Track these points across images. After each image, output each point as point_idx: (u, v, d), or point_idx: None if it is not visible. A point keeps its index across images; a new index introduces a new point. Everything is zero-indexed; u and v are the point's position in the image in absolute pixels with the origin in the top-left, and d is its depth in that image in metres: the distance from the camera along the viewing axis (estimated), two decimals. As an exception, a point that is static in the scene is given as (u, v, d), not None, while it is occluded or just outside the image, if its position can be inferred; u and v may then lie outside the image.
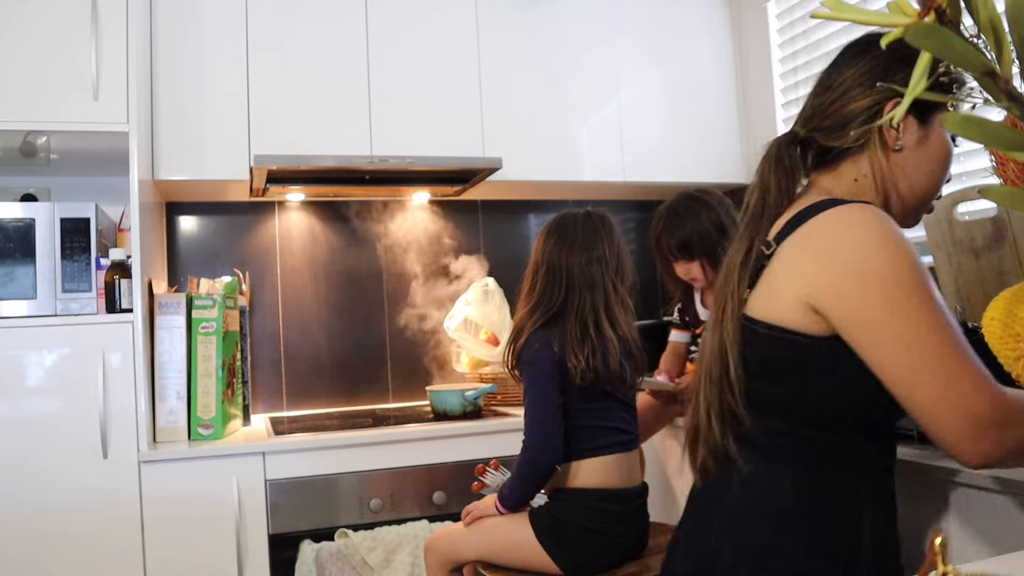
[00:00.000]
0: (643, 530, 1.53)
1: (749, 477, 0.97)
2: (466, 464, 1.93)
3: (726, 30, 2.63)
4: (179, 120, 2.06)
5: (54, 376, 1.73)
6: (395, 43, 2.26)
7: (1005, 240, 1.48)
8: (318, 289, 2.49)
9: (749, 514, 0.96)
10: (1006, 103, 0.50)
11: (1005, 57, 0.49)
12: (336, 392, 2.48)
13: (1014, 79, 0.50)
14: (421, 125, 2.26)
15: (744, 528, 0.96)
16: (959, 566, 0.57)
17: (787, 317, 0.92)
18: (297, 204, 2.49)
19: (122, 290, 1.81)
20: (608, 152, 2.45)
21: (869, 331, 0.85)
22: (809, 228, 0.92)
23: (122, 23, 1.83)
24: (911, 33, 0.49)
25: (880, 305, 0.85)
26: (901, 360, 0.83)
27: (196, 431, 1.90)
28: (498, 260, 2.66)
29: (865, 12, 0.51)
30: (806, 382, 0.93)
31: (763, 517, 0.95)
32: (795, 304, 0.91)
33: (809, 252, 0.91)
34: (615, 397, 1.52)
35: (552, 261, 1.54)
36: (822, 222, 0.90)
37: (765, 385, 0.96)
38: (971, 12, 0.50)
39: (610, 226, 1.58)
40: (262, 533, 1.82)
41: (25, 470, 1.69)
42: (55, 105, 1.78)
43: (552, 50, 2.42)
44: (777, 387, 0.95)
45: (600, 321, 1.50)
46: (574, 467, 1.49)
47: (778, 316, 0.93)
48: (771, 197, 1.02)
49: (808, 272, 0.90)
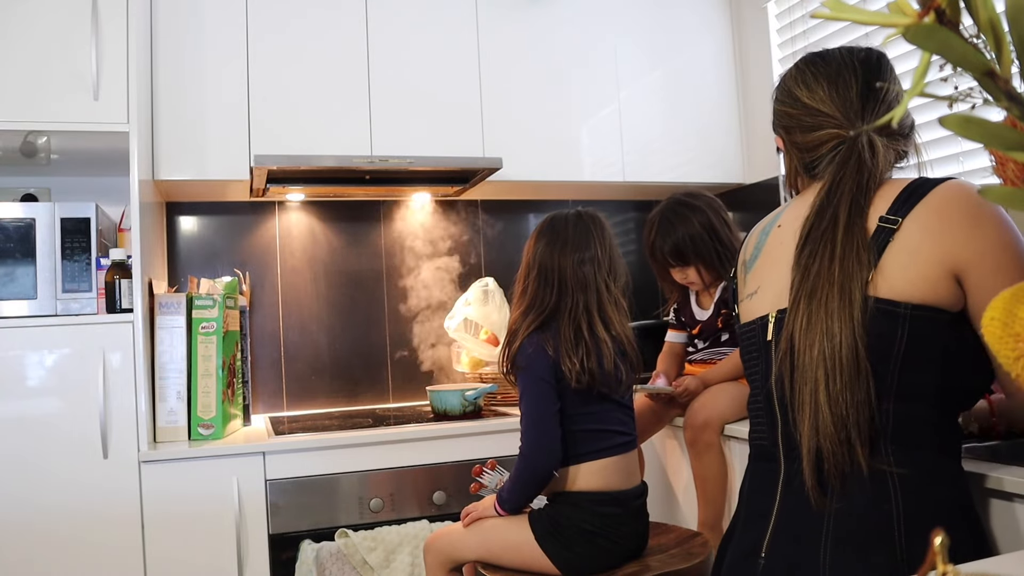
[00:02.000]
0: (643, 530, 1.53)
1: (906, 478, 0.91)
2: (466, 464, 1.93)
3: (726, 30, 2.63)
4: (179, 120, 2.06)
5: (54, 376, 1.73)
6: (395, 43, 2.26)
7: (1005, 240, 1.48)
8: (318, 289, 2.49)
9: (922, 516, 0.90)
10: (1006, 103, 0.50)
11: (1005, 57, 0.49)
12: (336, 392, 2.48)
13: (1014, 79, 0.50)
14: (421, 125, 2.26)
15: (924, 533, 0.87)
16: (959, 566, 0.57)
17: (928, 292, 0.90)
18: (297, 204, 2.49)
19: (122, 290, 1.81)
20: (608, 152, 2.45)
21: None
22: (938, 202, 0.93)
23: (122, 23, 1.83)
24: (911, 33, 0.49)
25: (1013, 272, 0.88)
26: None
27: (196, 431, 1.90)
28: (498, 260, 2.66)
29: (865, 12, 0.51)
30: (949, 363, 0.91)
31: (937, 517, 0.90)
32: (940, 275, 0.90)
33: (953, 222, 0.92)
34: (612, 399, 1.52)
35: (544, 262, 1.54)
36: (951, 194, 0.93)
37: (911, 373, 0.91)
38: (971, 12, 0.50)
39: (601, 226, 1.57)
40: (262, 533, 1.82)
41: (25, 470, 1.69)
42: (55, 105, 1.78)
43: (552, 50, 2.42)
44: (924, 373, 0.92)
45: (593, 322, 1.49)
46: (573, 471, 1.49)
47: (920, 293, 0.90)
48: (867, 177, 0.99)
49: (957, 241, 0.91)
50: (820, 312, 0.92)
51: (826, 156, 1.06)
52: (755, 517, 1.03)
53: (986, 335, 0.55)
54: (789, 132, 1.12)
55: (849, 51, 1.09)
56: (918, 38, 0.49)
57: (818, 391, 0.91)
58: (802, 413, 0.93)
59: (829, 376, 0.90)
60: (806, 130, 1.08)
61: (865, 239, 0.93)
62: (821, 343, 0.91)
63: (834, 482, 0.91)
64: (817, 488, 0.92)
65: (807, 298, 0.94)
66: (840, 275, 0.92)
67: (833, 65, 1.08)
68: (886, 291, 0.91)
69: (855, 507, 0.91)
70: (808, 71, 1.10)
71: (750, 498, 1.08)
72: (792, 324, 0.95)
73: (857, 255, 0.92)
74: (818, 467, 0.92)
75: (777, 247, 1.09)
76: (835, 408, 0.89)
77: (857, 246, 0.92)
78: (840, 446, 0.90)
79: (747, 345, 1.10)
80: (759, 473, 1.06)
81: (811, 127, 1.08)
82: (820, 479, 0.92)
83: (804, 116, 1.08)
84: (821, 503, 0.93)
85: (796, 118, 1.10)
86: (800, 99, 1.09)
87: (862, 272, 0.91)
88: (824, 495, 0.92)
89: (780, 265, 1.06)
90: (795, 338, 0.94)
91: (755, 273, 1.12)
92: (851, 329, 0.90)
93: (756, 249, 1.14)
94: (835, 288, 0.92)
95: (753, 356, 1.08)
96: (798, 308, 0.95)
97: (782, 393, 0.99)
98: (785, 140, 1.14)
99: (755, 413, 1.08)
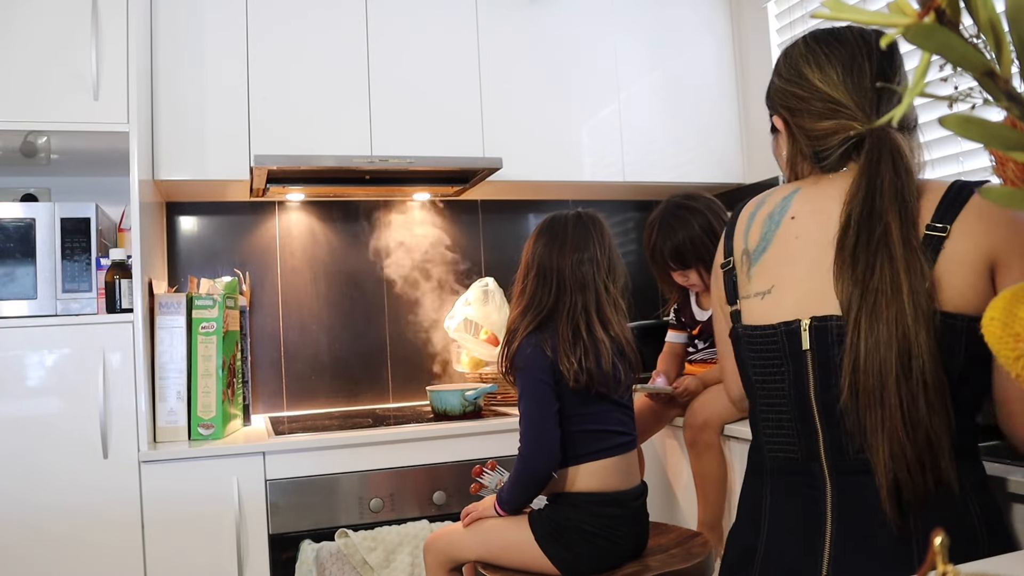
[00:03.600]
0: (643, 531, 1.52)
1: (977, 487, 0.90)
2: (466, 464, 1.93)
3: (726, 30, 2.63)
4: (179, 120, 2.06)
5: (54, 376, 1.73)
6: (395, 43, 2.26)
7: (1005, 240, 1.48)
8: (318, 289, 2.49)
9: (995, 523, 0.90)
10: (1006, 103, 0.50)
11: (1005, 57, 0.49)
12: (336, 392, 2.48)
13: (1014, 79, 0.50)
14: (421, 125, 2.26)
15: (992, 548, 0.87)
16: (959, 566, 0.57)
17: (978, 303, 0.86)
18: (297, 204, 2.49)
19: (122, 290, 1.81)
20: (608, 152, 2.45)
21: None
22: (981, 205, 0.88)
23: (122, 23, 1.83)
24: (911, 33, 0.49)
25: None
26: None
27: (196, 431, 1.90)
28: (498, 260, 2.66)
29: (865, 12, 0.51)
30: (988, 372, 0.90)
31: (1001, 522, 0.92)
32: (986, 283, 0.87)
33: (994, 223, 0.88)
34: (611, 399, 1.51)
35: (543, 262, 1.54)
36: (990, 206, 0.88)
37: (966, 385, 0.89)
38: (971, 12, 0.50)
39: (601, 226, 1.57)
40: (262, 533, 1.82)
41: (25, 470, 1.69)
42: (55, 105, 1.78)
43: (552, 50, 2.42)
44: (975, 384, 0.90)
45: (592, 323, 1.49)
46: (572, 472, 1.49)
47: (971, 305, 0.87)
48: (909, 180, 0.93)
49: (996, 242, 0.88)
50: (892, 329, 0.86)
51: (837, 148, 0.98)
52: (791, 537, 0.97)
53: (986, 335, 0.55)
54: (795, 114, 1.03)
55: (862, 33, 1.01)
56: (918, 38, 0.49)
57: (894, 416, 0.85)
58: (875, 437, 0.87)
59: (905, 400, 0.85)
60: (816, 116, 1.00)
61: (923, 250, 0.88)
62: (897, 365, 0.85)
63: (915, 505, 0.87)
64: (896, 510, 0.87)
65: (871, 315, 0.87)
66: (908, 290, 0.86)
67: (848, 48, 1.00)
68: (946, 303, 0.87)
69: (937, 522, 0.85)
70: (820, 51, 1.01)
71: (777, 514, 1.00)
72: (856, 344, 0.88)
73: (921, 269, 0.87)
74: (896, 490, 0.87)
75: (792, 241, 1.00)
76: (917, 434, 0.85)
77: (919, 259, 0.87)
78: (922, 472, 0.86)
79: (762, 350, 1.01)
80: (787, 489, 0.99)
81: (822, 114, 0.99)
82: (899, 500, 0.87)
83: (815, 101, 1.00)
84: (904, 528, 0.88)
85: (806, 101, 1.01)
86: (811, 81, 1.00)
87: (927, 285, 0.86)
88: (903, 518, 0.88)
89: (800, 263, 0.98)
90: (860, 359, 0.87)
91: (764, 267, 1.02)
92: (929, 346, 0.85)
93: (763, 240, 1.04)
94: (904, 305, 0.86)
95: (772, 363, 1.00)
96: (859, 326, 0.88)
97: (828, 410, 0.93)
98: (789, 122, 1.05)
99: (776, 424, 1.00)
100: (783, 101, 1.06)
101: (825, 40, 1.02)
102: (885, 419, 0.86)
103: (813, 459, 0.96)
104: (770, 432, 1.02)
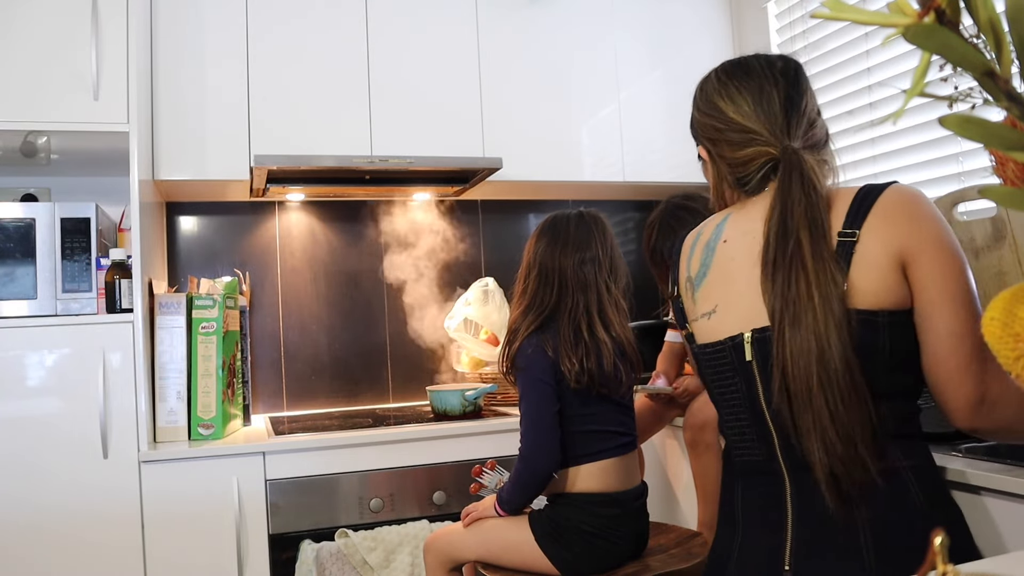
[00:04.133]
0: (643, 531, 1.52)
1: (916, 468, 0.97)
2: (466, 464, 1.93)
3: (726, 30, 2.63)
4: (179, 120, 2.06)
5: (54, 376, 1.73)
6: (395, 43, 2.26)
7: (1005, 240, 1.48)
8: (318, 289, 2.49)
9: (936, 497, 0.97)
10: (1006, 103, 0.50)
11: (1005, 57, 0.49)
12: (336, 392, 2.48)
13: (1014, 79, 0.50)
14: (421, 125, 2.26)
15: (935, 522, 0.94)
16: (959, 566, 0.57)
17: (894, 298, 0.95)
18: (297, 204, 2.49)
19: (122, 290, 1.81)
20: (608, 152, 2.45)
21: (939, 289, 0.94)
22: (884, 206, 0.97)
23: (122, 23, 1.83)
24: (911, 33, 0.49)
25: (954, 276, 0.95)
26: (961, 314, 0.93)
27: (196, 431, 1.90)
28: (498, 260, 2.66)
29: (865, 12, 0.51)
30: (916, 358, 0.98)
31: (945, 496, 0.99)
32: (898, 278, 0.95)
33: (897, 223, 0.96)
34: (612, 400, 1.51)
35: (544, 262, 1.53)
36: (895, 198, 0.97)
37: (896, 373, 0.97)
38: (971, 12, 0.50)
39: (603, 226, 1.57)
40: (262, 533, 1.82)
41: (25, 470, 1.69)
42: (55, 105, 1.78)
43: (552, 50, 2.42)
44: (906, 372, 0.98)
45: (593, 323, 1.48)
46: (572, 472, 1.49)
47: (889, 301, 0.95)
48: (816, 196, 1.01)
49: (900, 237, 0.95)
50: (810, 337, 0.93)
51: (756, 173, 1.07)
52: (761, 530, 1.03)
53: (986, 335, 0.55)
54: (715, 144, 1.12)
55: (768, 61, 1.10)
56: (918, 38, 0.49)
57: (822, 416, 0.92)
58: (809, 438, 0.94)
59: (830, 400, 0.92)
60: (734, 146, 1.08)
61: (834, 258, 0.95)
62: (817, 369, 0.92)
63: (854, 494, 0.93)
64: (839, 502, 0.94)
65: (791, 325, 0.95)
66: (820, 299, 0.93)
67: (755, 78, 1.08)
68: (862, 302, 0.95)
69: (879, 508, 0.94)
70: (731, 83, 1.10)
71: (749, 510, 1.06)
72: (782, 353, 0.96)
73: (832, 277, 0.94)
74: (835, 483, 0.94)
75: (728, 263, 1.08)
76: (841, 430, 0.92)
77: (829, 267, 0.94)
78: (854, 463, 0.92)
79: (716, 365, 1.09)
80: (755, 486, 1.06)
81: (739, 143, 1.07)
82: (839, 493, 0.94)
83: (731, 131, 1.08)
84: (848, 517, 0.94)
85: (723, 132, 1.09)
86: (726, 113, 1.09)
87: (838, 291, 0.94)
88: (845, 506, 0.94)
89: (737, 282, 1.06)
90: (787, 366, 0.95)
91: (707, 290, 1.10)
92: (840, 350, 0.92)
93: (703, 266, 1.12)
94: (818, 312, 0.93)
95: (726, 376, 1.07)
96: (783, 336, 0.96)
97: (777, 414, 0.99)
98: (712, 152, 1.13)
99: (738, 431, 1.07)
100: (704, 133, 1.14)
101: (734, 73, 1.11)
102: (815, 420, 0.93)
103: (772, 459, 1.03)
104: (735, 438, 1.09)
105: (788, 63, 1.10)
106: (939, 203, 1.60)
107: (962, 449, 1.25)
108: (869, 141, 2.17)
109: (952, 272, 0.95)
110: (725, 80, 1.11)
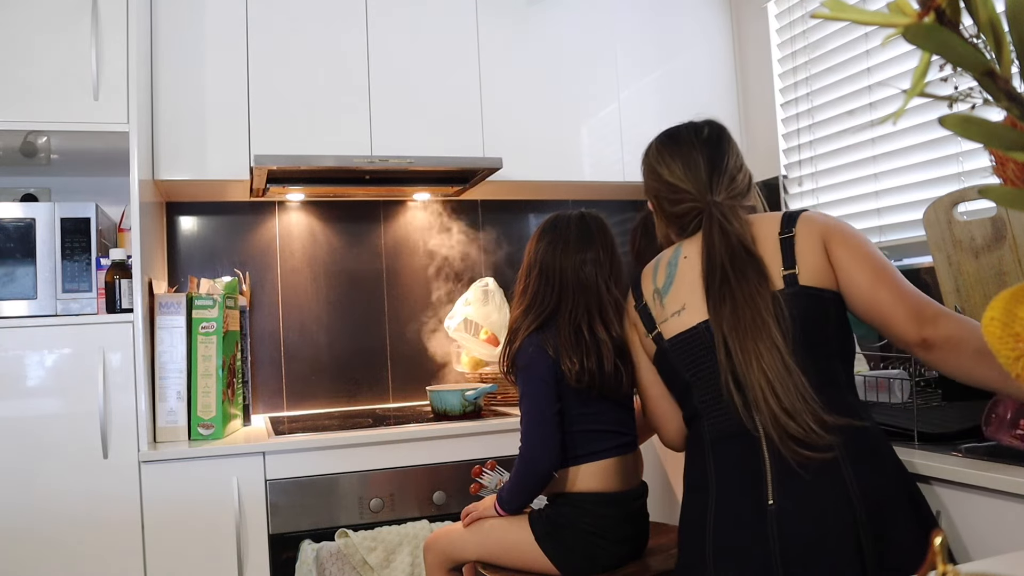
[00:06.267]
0: (643, 531, 1.52)
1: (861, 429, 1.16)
2: (466, 464, 1.93)
3: (726, 30, 2.63)
4: (179, 120, 2.06)
5: (54, 376, 1.73)
6: (395, 43, 2.26)
7: (1005, 240, 1.48)
8: (318, 289, 2.49)
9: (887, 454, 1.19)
10: (1006, 103, 0.50)
11: (1005, 57, 0.49)
12: (336, 392, 2.48)
13: (1014, 79, 0.50)
14: (421, 125, 2.26)
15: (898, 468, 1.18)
16: (959, 566, 0.57)
17: (831, 280, 1.22)
18: (297, 204, 2.49)
19: (122, 290, 1.81)
20: (608, 152, 2.45)
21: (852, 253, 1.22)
22: (804, 216, 1.27)
23: (122, 23, 1.83)
24: (911, 33, 0.49)
25: (859, 245, 1.23)
26: (876, 263, 1.20)
27: (196, 431, 1.90)
28: (498, 260, 2.66)
29: (865, 12, 0.51)
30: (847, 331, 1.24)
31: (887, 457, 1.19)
32: (820, 252, 1.23)
33: (816, 222, 1.26)
34: (612, 400, 1.51)
35: (545, 262, 1.54)
36: (812, 216, 1.28)
37: (842, 341, 1.23)
38: (971, 12, 0.50)
39: (604, 227, 1.57)
40: (262, 533, 1.82)
41: (25, 470, 1.69)
42: (55, 105, 1.78)
43: (552, 50, 2.42)
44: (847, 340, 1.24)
45: (593, 323, 1.49)
46: (572, 472, 1.48)
47: (828, 282, 1.22)
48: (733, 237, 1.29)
49: (820, 228, 1.25)
50: (747, 342, 1.16)
51: (692, 221, 1.34)
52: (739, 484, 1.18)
53: (986, 335, 0.55)
54: (659, 201, 1.40)
55: (694, 131, 1.38)
56: (918, 38, 0.49)
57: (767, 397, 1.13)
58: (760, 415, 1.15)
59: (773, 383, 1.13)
60: (673, 202, 1.36)
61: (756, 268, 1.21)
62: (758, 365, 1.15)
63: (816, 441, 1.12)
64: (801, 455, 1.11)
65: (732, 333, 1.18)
66: (750, 313, 1.18)
67: (684, 147, 1.36)
68: (808, 280, 1.21)
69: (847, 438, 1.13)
70: (666, 152, 1.38)
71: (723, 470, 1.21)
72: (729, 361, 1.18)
73: (758, 290, 1.19)
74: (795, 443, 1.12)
75: (690, 273, 1.31)
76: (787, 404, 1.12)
77: (751, 277, 1.20)
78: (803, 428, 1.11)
79: (691, 346, 1.28)
80: (730, 448, 1.21)
81: (676, 200, 1.35)
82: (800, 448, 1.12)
83: (668, 192, 1.36)
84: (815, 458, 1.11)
85: (663, 192, 1.37)
86: (663, 177, 1.37)
87: (766, 303, 1.18)
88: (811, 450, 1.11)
89: (699, 289, 1.28)
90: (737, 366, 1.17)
91: (674, 295, 1.33)
92: (771, 345, 1.15)
93: (669, 277, 1.35)
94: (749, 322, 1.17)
95: (700, 353, 1.27)
96: (727, 344, 1.18)
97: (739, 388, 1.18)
98: (656, 206, 1.42)
99: (715, 401, 1.24)
100: (649, 192, 1.43)
101: (667, 144, 1.40)
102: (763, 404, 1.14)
103: (747, 420, 1.18)
104: (709, 409, 1.25)
105: (712, 128, 1.39)
106: (939, 203, 1.60)
107: (962, 449, 1.25)
108: (869, 141, 2.17)
109: (857, 242, 1.23)
110: (661, 150, 1.40)
